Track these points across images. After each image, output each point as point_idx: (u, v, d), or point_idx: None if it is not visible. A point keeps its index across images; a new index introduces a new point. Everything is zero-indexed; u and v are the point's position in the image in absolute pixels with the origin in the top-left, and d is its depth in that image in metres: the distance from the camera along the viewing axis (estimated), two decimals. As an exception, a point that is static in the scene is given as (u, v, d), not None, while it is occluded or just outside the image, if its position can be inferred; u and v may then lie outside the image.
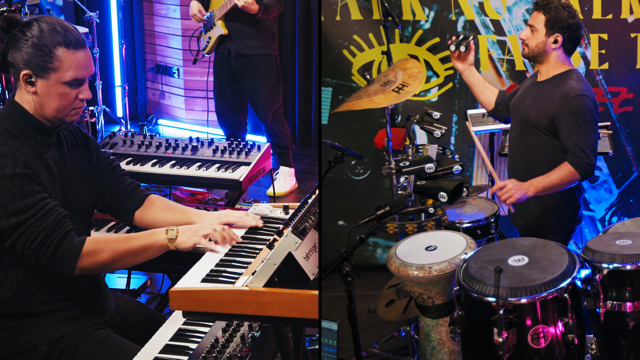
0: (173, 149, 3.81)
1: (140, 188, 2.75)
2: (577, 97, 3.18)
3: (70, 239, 2.34)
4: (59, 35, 2.36)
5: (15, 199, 2.28)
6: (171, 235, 2.43)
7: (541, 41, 3.27)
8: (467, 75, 3.57)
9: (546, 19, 3.24)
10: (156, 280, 4.32)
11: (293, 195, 5.77)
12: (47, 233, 2.30)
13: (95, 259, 2.35)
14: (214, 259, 2.43)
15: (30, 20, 2.40)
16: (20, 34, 2.36)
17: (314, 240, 2.36)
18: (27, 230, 2.29)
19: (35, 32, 2.35)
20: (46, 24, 2.37)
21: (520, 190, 3.15)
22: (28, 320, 2.42)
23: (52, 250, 2.30)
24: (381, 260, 4.73)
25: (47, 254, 2.30)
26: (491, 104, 3.60)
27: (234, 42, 5.33)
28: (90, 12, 6.29)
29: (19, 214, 2.28)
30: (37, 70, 2.35)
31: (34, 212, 2.29)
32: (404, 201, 2.89)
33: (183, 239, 2.44)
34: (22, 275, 2.39)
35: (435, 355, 2.97)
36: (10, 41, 2.38)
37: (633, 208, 4.52)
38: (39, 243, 2.29)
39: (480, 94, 3.61)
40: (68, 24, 2.43)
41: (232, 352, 2.35)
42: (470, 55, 3.52)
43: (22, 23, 2.39)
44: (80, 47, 2.40)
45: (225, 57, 5.41)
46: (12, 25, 2.38)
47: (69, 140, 2.56)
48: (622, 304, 2.66)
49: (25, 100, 2.41)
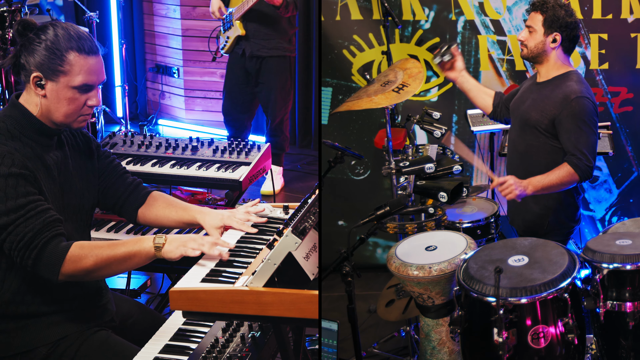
0: (173, 149, 3.81)
1: (142, 185, 2.75)
2: (578, 99, 3.18)
3: (57, 244, 2.29)
4: (72, 40, 2.37)
5: (7, 199, 2.27)
6: (158, 242, 2.36)
7: (540, 41, 3.28)
8: (461, 82, 3.57)
9: (544, 19, 3.25)
10: (156, 280, 4.32)
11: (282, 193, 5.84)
12: (34, 235, 2.27)
13: (78, 265, 2.30)
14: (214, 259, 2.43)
15: (46, 24, 2.40)
16: (35, 37, 2.37)
17: (314, 240, 2.36)
18: (14, 230, 2.27)
19: (50, 36, 2.36)
20: (61, 29, 2.38)
21: (520, 186, 3.15)
22: (28, 321, 2.41)
23: (36, 253, 2.27)
24: (381, 260, 4.73)
25: (31, 256, 2.27)
26: (489, 107, 3.60)
27: (250, 42, 5.34)
28: (90, 12, 6.29)
29: (9, 213, 2.27)
30: (47, 73, 2.35)
31: (23, 213, 2.28)
32: (404, 201, 2.89)
33: (170, 248, 2.36)
34: (21, 277, 2.38)
35: (435, 355, 2.97)
36: (25, 44, 2.38)
37: (633, 208, 4.52)
38: (24, 244, 2.27)
39: (476, 98, 3.61)
40: (83, 32, 2.43)
41: (232, 352, 2.35)
42: (457, 62, 3.52)
43: (37, 27, 2.39)
44: (92, 53, 2.40)
45: (239, 57, 5.42)
46: (28, 29, 2.39)
47: (69, 142, 2.56)
48: (622, 304, 2.66)
49: (32, 102, 2.40)
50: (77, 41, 2.37)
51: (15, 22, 4.87)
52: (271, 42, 5.34)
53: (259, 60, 5.38)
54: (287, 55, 5.44)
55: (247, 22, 5.31)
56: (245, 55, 5.37)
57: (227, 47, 5.46)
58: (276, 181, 5.77)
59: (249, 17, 5.28)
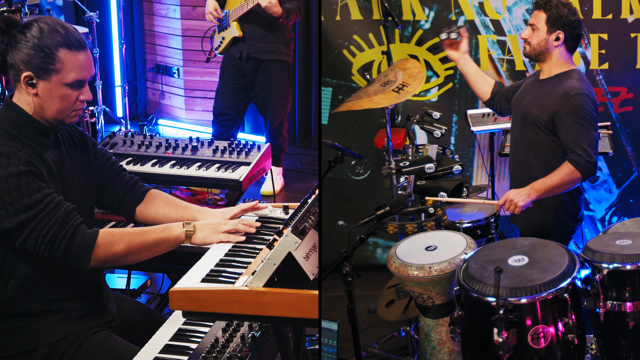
0: (173, 149, 3.81)
1: (140, 183, 2.74)
2: (577, 96, 3.19)
3: (83, 231, 2.33)
4: (59, 35, 2.35)
5: (23, 196, 2.27)
6: (188, 229, 2.45)
7: (543, 39, 3.28)
8: (462, 64, 3.58)
9: (547, 17, 3.26)
10: (156, 280, 4.31)
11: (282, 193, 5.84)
12: (59, 226, 2.29)
13: (110, 250, 2.35)
14: (214, 259, 2.43)
15: (30, 21, 2.39)
16: (20, 35, 2.35)
17: (314, 240, 2.36)
18: (38, 225, 2.28)
19: (35, 32, 2.34)
20: (46, 24, 2.36)
21: (521, 197, 3.15)
22: (29, 321, 2.41)
23: (66, 243, 2.29)
24: (381, 260, 4.73)
25: (61, 247, 2.29)
26: (487, 93, 3.60)
27: (247, 44, 5.33)
28: (90, 12, 6.29)
29: (27, 210, 2.27)
30: (38, 71, 2.35)
31: (43, 207, 2.29)
32: (404, 201, 2.89)
33: (203, 235, 2.47)
34: (24, 275, 2.39)
35: (435, 355, 2.97)
36: (10, 42, 2.37)
37: (633, 208, 4.52)
38: (51, 237, 2.28)
39: (475, 82, 3.62)
40: (68, 25, 2.42)
41: (232, 352, 2.35)
42: (463, 43, 3.54)
43: (21, 24, 2.38)
44: (81, 48, 2.40)
45: (235, 58, 5.41)
46: (11, 26, 2.38)
47: (66, 140, 2.56)
48: (622, 304, 2.66)
49: (25, 101, 2.40)
50: (64, 36, 2.36)
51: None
52: (268, 45, 5.32)
53: (256, 63, 5.37)
54: (286, 61, 5.44)
55: (244, 23, 5.30)
56: (242, 57, 5.36)
57: (222, 47, 5.45)
58: (276, 181, 5.77)
59: (247, 18, 5.27)
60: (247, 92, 5.52)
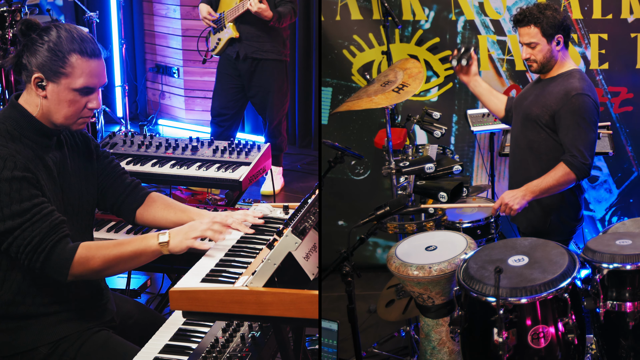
0: (173, 149, 3.81)
1: (141, 186, 2.75)
2: (578, 96, 3.19)
3: (64, 246, 2.32)
4: (75, 42, 2.37)
5: (12, 203, 2.27)
6: (163, 240, 2.39)
7: (547, 50, 3.28)
8: (473, 86, 3.56)
9: (541, 30, 3.24)
10: (156, 280, 4.32)
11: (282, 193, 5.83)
12: (41, 238, 2.29)
13: (87, 266, 2.33)
14: (214, 259, 2.43)
15: (50, 25, 2.41)
16: (38, 37, 2.37)
17: (314, 240, 2.36)
18: (21, 234, 2.28)
19: (53, 37, 2.36)
20: (65, 30, 2.38)
21: (516, 200, 3.16)
22: (29, 321, 2.41)
23: (44, 256, 2.29)
24: (381, 260, 4.73)
25: (40, 259, 2.29)
26: (501, 111, 3.59)
27: (243, 44, 5.33)
28: (90, 12, 6.29)
29: (15, 217, 2.28)
30: (48, 74, 2.36)
31: (30, 217, 2.29)
32: (404, 201, 2.89)
33: (175, 242, 2.40)
34: (21, 278, 2.39)
35: (435, 355, 2.97)
36: (27, 44, 2.38)
37: (633, 208, 4.52)
38: (32, 248, 2.28)
39: (489, 102, 3.60)
40: (86, 34, 2.43)
41: (232, 352, 2.35)
42: (473, 66, 3.51)
43: (40, 27, 2.40)
44: (94, 56, 2.41)
45: (232, 59, 5.41)
46: (31, 29, 2.39)
47: (68, 142, 2.56)
48: (622, 304, 2.66)
49: (33, 103, 2.40)
50: (79, 43, 2.37)
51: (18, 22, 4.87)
52: (265, 45, 5.33)
53: (253, 63, 5.37)
54: (283, 60, 5.44)
55: (240, 24, 5.30)
56: (239, 57, 5.36)
57: (218, 49, 5.45)
58: (276, 181, 5.77)
59: (243, 19, 5.27)
60: (245, 92, 5.52)
